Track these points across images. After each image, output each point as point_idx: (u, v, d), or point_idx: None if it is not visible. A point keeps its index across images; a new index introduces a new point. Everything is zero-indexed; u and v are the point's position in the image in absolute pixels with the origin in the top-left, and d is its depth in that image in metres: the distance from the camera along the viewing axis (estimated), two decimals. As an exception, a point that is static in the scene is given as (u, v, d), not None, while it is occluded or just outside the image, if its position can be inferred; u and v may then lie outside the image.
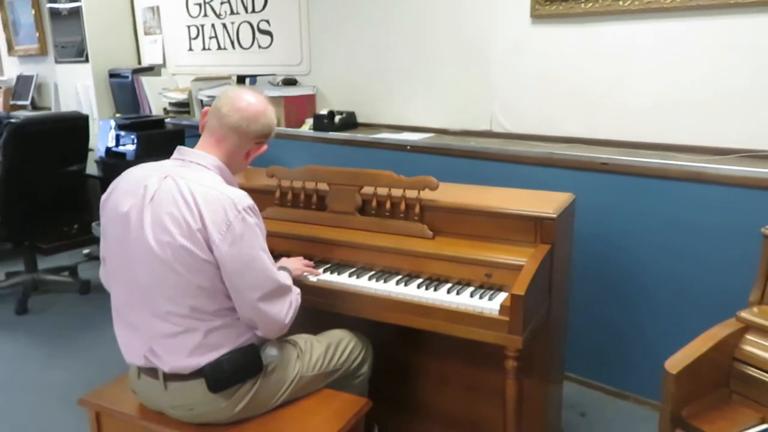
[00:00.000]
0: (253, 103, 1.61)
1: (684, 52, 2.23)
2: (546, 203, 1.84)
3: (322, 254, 2.00)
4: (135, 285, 1.49)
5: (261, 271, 1.49)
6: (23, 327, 3.26)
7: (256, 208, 1.53)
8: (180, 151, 1.60)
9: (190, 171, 1.52)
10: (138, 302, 1.50)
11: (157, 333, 1.49)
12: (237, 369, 1.51)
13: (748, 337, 1.59)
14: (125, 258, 1.49)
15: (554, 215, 1.76)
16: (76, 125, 3.42)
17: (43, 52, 5.18)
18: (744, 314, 1.62)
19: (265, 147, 1.68)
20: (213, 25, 3.96)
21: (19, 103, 5.53)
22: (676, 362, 1.45)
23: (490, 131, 2.84)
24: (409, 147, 2.88)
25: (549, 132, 2.64)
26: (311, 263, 1.93)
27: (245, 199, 1.49)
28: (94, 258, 4.19)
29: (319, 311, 1.87)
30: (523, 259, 1.71)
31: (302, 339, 1.75)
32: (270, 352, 1.61)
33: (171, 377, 1.51)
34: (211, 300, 1.47)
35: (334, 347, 1.78)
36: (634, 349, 2.42)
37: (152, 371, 1.53)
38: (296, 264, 1.88)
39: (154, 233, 1.43)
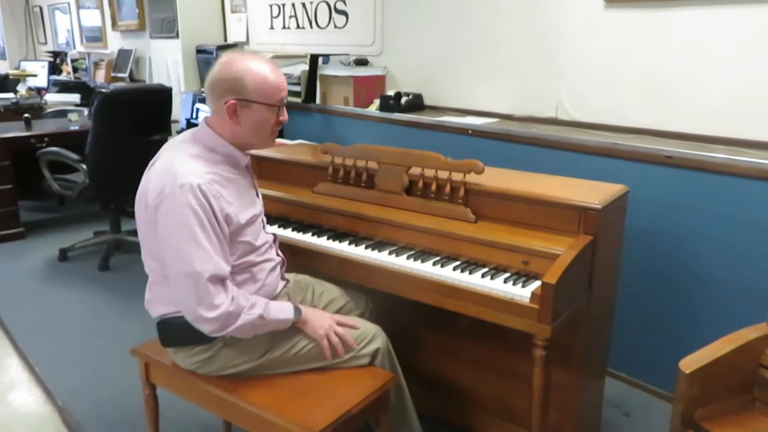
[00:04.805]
0: (219, 61, 1.62)
1: (764, 42, 2.08)
2: (593, 193, 1.78)
3: (366, 231, 2.03)
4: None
5: (176, 249, 1.51)
6: (104, 282, 3.53)
7: (202, 188, 1.50)
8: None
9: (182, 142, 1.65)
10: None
11: None
12: (176, 331, 1.66)
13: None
14: None
15: (599, 206, 1.71)
16: (159, 97, 3.62)
17: (141, 27, 5.50)
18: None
19: (232, 103, 1.55)
20: (293, 5, 4.06)
21: (119, 75, 5.91)
22: (691, 362, 1.38)
23: (555, 118, 2.76)
24: (470, 131, 2.85)
25: (617, 122, 2.54)
26: (343, 330, 1.67)
27: (187, 177, 1.49)
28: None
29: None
30: (561, 248, 1.68)
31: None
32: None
33: None
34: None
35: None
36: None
37: None
38: (324, 321, 1.67)
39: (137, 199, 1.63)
